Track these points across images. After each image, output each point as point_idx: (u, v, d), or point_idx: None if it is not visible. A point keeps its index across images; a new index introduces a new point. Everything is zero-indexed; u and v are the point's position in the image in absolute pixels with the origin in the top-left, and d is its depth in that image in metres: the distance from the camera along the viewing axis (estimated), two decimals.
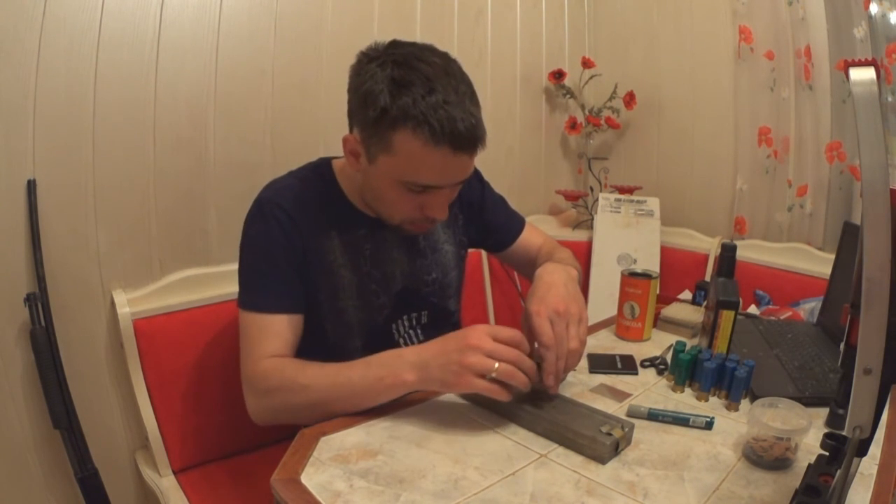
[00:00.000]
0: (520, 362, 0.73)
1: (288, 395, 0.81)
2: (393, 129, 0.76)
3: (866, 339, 0.49)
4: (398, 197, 0.84)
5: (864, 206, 0.49)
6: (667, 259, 1.91)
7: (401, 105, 0.75)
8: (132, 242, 1.21)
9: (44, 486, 1.16)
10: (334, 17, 1.44)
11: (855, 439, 0.51)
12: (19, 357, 1.10)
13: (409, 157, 0.77)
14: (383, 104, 0.75)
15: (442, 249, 1.04)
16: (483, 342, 0.73)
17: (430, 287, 1.02)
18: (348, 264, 0.93)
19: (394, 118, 0.75)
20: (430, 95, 0.75)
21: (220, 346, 1.21)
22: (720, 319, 0.94)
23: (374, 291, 0.96)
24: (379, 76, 0.76)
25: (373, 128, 0.78)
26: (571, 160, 2.19)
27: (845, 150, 1.63)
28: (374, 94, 0.76)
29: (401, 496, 0.65)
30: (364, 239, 0.94)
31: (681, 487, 0.67)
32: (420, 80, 0.75)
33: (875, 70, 0.50)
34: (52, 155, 1.09)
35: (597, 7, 2.16)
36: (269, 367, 0.83)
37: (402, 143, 0.77)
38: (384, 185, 0.83)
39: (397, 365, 0.77)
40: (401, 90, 0.75)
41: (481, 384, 0.73)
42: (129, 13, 1.14)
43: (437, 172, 0.80)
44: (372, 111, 0.77)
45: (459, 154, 0.78)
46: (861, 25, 1.54)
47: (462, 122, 0.76)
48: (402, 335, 1.01)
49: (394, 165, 0.79)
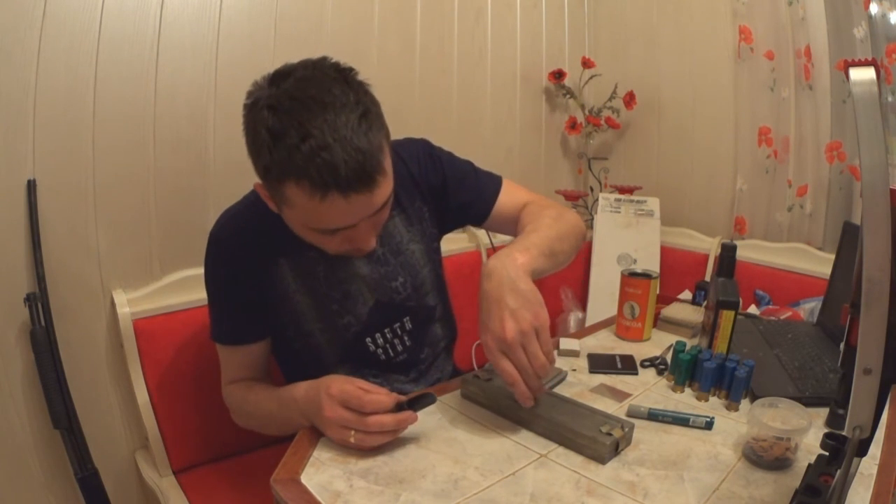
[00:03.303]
0: (370, 428, 0.71)
1: (244, 416, 0.96)
2: (280, 182, 0.72)
3: (866, 339, 0.49)
4: (319, 239, 0.81)
5: (864, 206, 0.49)
6: (667, 259, 1.91)
7: (277, 160, 0.70)
8: (132, 242, 1.21)
9: (44, 486, 1.16)
10: (334, 17, 1.43)
11: (855, 439, 0.51)
12: (19, 357, 1.10)
13: (303, 208, 0.74)
14: (265, 162, 0.72)
15: (407, 251, 0.99)
16: (334, 414, 0.73)
17: (402, 293, 0.98)
18: (302, 289, 0.92)
19: (277, 174, 0.72)
20: (304, 143, 0.69)
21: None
22: (720, 319, 0.94)
23: (337, 312, 0.94)
24: (259, 124, 0.72)
25: (265, 181, 0.76)
26: (571, 160, 2.19)
27: (845, 150, 1.63)
28: (258, 146, 0.72)
29: (401, 496, 0.65)
30: (315, 261, 0.91)
31: (681, 487, 0.67)
32: (293, 126, 0.69)
33: (875, 70, 0.50)
34: (52, 155, 1.09)
35: (597, 7, 2.15)
36: (229, 392, 0.96)
37: (293, 196, 0.73)
38: (300, 230, 0.80)
39: (295, 411, 0.81)
40: (276, 142, 0.70)
41: (350, 447, 0.73)
42: (129, 13, 1.14)
43: (338, 216, 0.75)
44: (260, 166, 0.74)
45: (352, 195, 0.72)
46: (861, 25, 1.53)
47: (345, 165, 0.69)
48: (381, 346, 0.98)
49: (296, 216, 0.77)
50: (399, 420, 0.73)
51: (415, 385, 1.03)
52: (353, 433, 0.72)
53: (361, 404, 0.72)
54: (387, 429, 0.72)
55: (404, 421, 0.73)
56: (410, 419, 0.74)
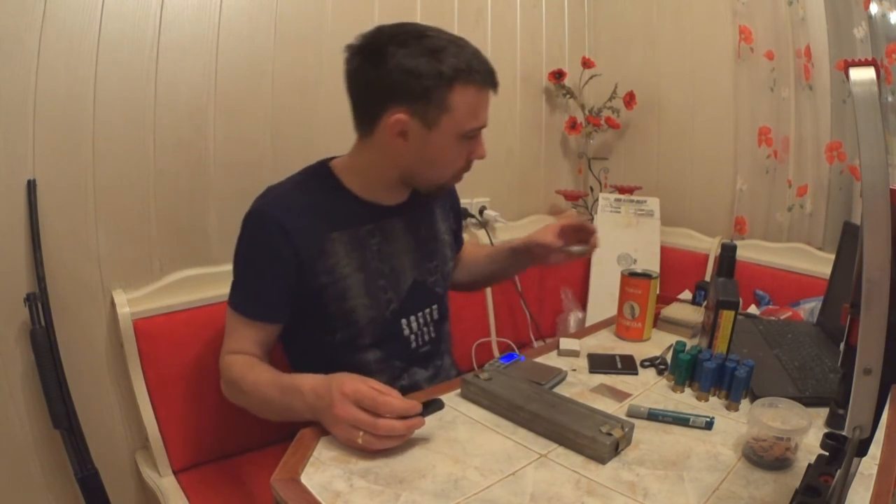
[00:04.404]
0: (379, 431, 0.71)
1: (236, 392, 0.92)
2: (450, 88, 0.85)
3: (866, 339, 0.49)
4: (457, 150, 0.92)
5: (864, 206, 0.49)
6: (667, 259, 1.91)
7: (452, 65, 0.84)
8: (132, 242, 1.21)
9: (44, 486, 1.16)
10: (334, 17, 1.43)
11: (855, 439, 0.51)
12: (19, 357, 1.09)
13: (467, 107, 0.87)
14: (436, 70, 0.84)
15: (441, 240, 1.09)
16: (345, 412, 0.72)
17: (434, 276, 1.05)
18: (354, 262, 0.95)
19: (450, 78, 0.84)
20: (461, 52, 0.86)
21: (220, 346, 1.20)
22: (720, 319, 0.94)
23: (382, 287, 0.98)
24: (409, 53, 0.83)
25: (427, 96, 0.85)
26: (571, 160, 2.19)
27: (845, 150, 1.63)
28: (418, 67, 0.83)
29: (401, 496, 0.65)
30: (370, 233, 0.96)
31: (681, 487, 0.67)
32: (445, 43, 0.85)
33: (875, 70, 0.50)
34: (52, 155, 1.09)
35: (597, 7, 2.15)
36: (230, 362, 0.93)
37: (460, 97, 0.86)
38: (447, 144, 0.90)
39: (299, 401, 0.80)
40: (440, 55, 0.84)
41: (356, 447, 0.73)
42: (129, 13, 1.14)
43: (485, 111, 0.92)
44: (425, 80, 0.84)
45: (493, 91, 0.91)
46: (861, 25, 1.54)
47: (488, 64, 0.90)
48: (414, 331, 1.02)
49: (455, 121, 0.88)
50: (409, 426, 0.73)
51: (429, 384, 1.04)
52: (361, 434, 0.72)
53: (375, 405, 0.72)
54: (396, 433, 0.72)
55: (412, 427, 0.73)
56: (418, 425, 0.74)
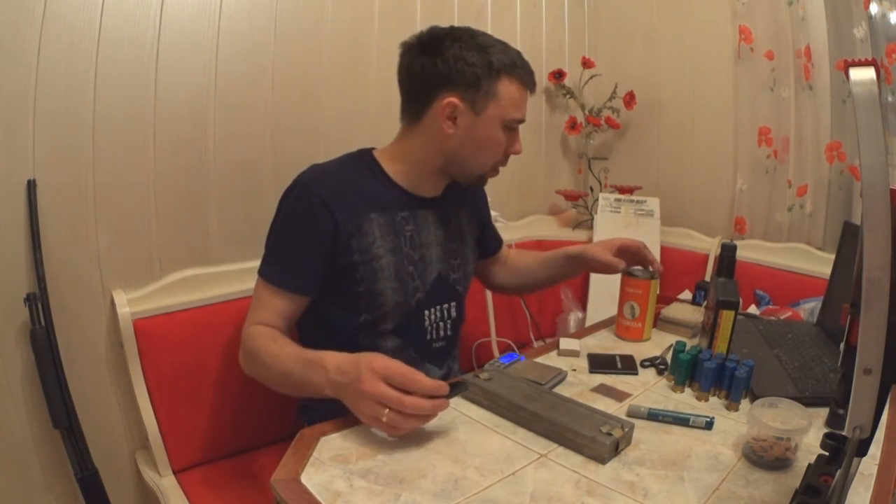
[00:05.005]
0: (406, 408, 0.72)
1: (255, 363, 0.92)
2: (498, 78, 0.95)
3: (866, 339, 0.49)
4: (498, 139, 0.99)
5: (864, 206, 0.49)
6: (667, 259, 1.90)
7: (500, 59, 0.95)
8: (132, 242, 1.21)
9: (44, 486, 1.15)
10: (334, 17, 1.43)
11: (855, 439, 0.51)
12: (19, 357, 1.09)
13: (510, 99, 0.96)
14: (487, 61, 0.94)
15: (466, 241, 1.13)
16: (373, 388, 0.72)
17: (457, 273, 1.09)
18: (387, 245, 0.99)
19: (498, 69, 0.94)
20: (508, 51, 0.97)
21: (220, 346, 1.21)
22: (720, 319, 0.95)
23: (411, 274, 1.01)
24: (463, 46, 0.94)
25: (478, 84, 0.94)
26: (571, 160, 2.19)
27: (845, 150, 1.63)
28: (471, 58, 0.93)
29: (401, 496, 0.65)
30: (405, 220, 1.01)
31: (681, 487, 0.67)
32: (494, 42, 0.97)
33: (875, 70, 0.50)
34: (52, 155, 1.09)
35: (597, 7, 2.15)
36: (254, 332, 0.93)
37: (506, 88, 0.95)
38: (491, 130, 0.97)
39: (321, 376, 0.80)
40: (490, 50, 0.95)
41: (379, 426, 0.74)
42: (129, 12, 1.14)
43: (525, 107, 1.00)
44: (477, 69, 0.93)
45: (531, 91, 1.01)
46: (861, 25, 1.54)
47: (530, 66, 1.00)
48: (433, 323, 1.05)
49: (500, 109, 0.96)
50: (435, 405, 0.73)
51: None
52: (386, 412, 0.72)
53: (405, 381, 0.72)
54: (422, 412, 0.73)
55: (438, 407, 0.74)
56: (443, 406, 0.74)
